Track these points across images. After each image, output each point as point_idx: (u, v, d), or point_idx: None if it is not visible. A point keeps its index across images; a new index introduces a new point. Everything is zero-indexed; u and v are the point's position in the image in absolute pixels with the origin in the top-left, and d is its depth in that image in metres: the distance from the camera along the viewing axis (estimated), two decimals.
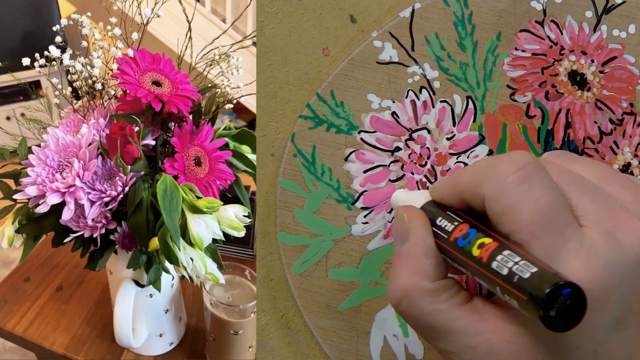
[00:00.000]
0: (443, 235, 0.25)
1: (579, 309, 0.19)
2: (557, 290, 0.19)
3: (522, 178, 0.22)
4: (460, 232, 0.24)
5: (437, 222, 0.26)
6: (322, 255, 0.34)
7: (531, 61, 0.33)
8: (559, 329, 0.19)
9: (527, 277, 0.20)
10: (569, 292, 0.19)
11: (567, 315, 0.19)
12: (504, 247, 0.22)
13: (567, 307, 0.19)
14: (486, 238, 0.23)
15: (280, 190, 0.34)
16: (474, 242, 0.23)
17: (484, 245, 0.23)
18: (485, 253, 0.22)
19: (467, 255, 0.23)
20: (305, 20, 0.34)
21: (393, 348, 0.34)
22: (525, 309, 0.20)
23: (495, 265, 0.21)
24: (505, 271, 0.21)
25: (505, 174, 0.23)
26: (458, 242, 0.24)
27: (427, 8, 0.33)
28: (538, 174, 0.23)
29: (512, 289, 0.20)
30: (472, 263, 0.23)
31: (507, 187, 0.23)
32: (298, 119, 0.34)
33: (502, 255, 0.21)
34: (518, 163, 0.23)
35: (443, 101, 0.34)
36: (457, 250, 0.24)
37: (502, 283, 0.21)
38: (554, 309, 0.19)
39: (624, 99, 0.33)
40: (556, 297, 0.19)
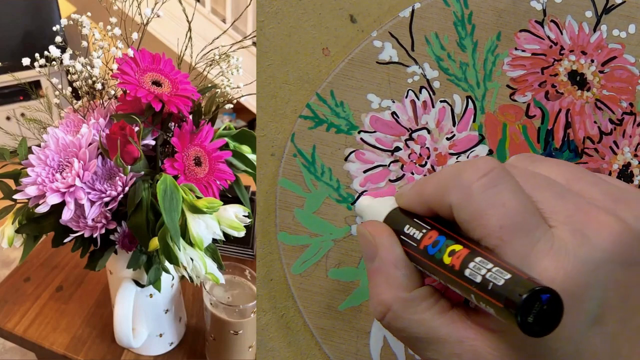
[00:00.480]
0: (412, 243, 0.25)
1: (555, 313, 0.19)
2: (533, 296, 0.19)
3: (487, 184, 0.23)
4: (430, 240, 0.24)
5: (405, 230, 0.25)
6: (322, 255, 0.34)
7: (531, 61, 0.33)
8: (537, 334, 0.19)
9: (502, 284, 0.20)
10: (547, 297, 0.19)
11: (544, 319, 0.19)
12: (476, 254, 0.22)
13: (543, 312, 0.19)
14: (456, 245, 0.23)
15: (280, 190, 0.34)
16: (444, 250, 0.23)
17: (454, 252, 0.22)
18: (456, 261, 0.22)
19: (439, 263, 0.23)
20: (305, 20, 0.34)
21: (393, 348, 0.34)
22: (502, 316, 0.20)
23: (468, 273, 0.21)
24: (479, 279, 0.21)
25: (470, 180, 0.23)
26: (428, 250, 0.24)
27: (427, 8, 0.33)
28: (503, 178, 0.23)
29: (487, 297, 0.20)
30: (444, 271, 0.23)
31: (473, 194, 0.23)
32: (298, 119, 0.34)
33: (474, 262, 0.21)
34: (483, 169, 0.23)
35: (443, 101, 0.34)
36: (428, 259, 0.24)
37: (477, 291, 0.21)
38: (531, 314, 0.19)
39: (623, 99, 0.33)
40: (532, 303, 0.19)
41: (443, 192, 0.24)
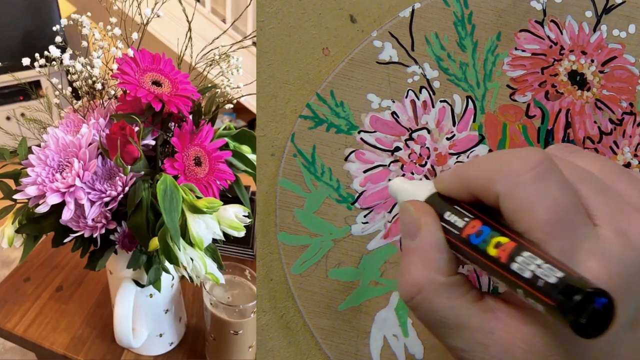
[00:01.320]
0: (453, 230, 0.25)
1: (606, 315, 0.19)
2: (588, 298, 0.19)
3: (537, 176, 0.22)
4: (473, 229, 0.24)
5: (446, 216, 0.25)
6: (322, 255, 0.34)
7: (531, 61, 0.33)
8: (588, 335, 0.19)
9: (554, 282, 0.20)
10: (601, 300, 0.19)
11: (595, 321, 0.19)
12: (523, 248, 0.21)
13: (595, 313, 0.19)
14: (502, 237, 0.22)
15: (280, 190, 0.34)
16: (489, 241, 0.23)
17: (500, 244, 0.22)
18: (503, 253, 0.22)
19: (483, 254, 0.23)
20: (305, 20, 0.34)
21: (393, 348, 0.34)
22: (553, 314, 0.20)
23: (516, 268, 0.21)
24: (528, 274, 0.21)
25: (520, 171, 0.23)
26: (471, 239, 0.23)
27: (427, 8, 0.33)
28: (553, 172, 0.22)
29: (538, 294, 0.20)
30: (489, 262, 0.22)
31: (522, 185, 0.22)
32: (298, 119, 0.34)
33: (521, 256, 0.21)
34: (532, 160, 0.23)
35: (443, 101, 0.34)
36: (471, 248, 0.23)
37: (525, 286, 0.21)
38: (583, 315, 0.19)
39: (623, 99, 0.33)
40: (586, 304, 0.19)
41: (490, 179, 0.24)
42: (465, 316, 0.24)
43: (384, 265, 0.34)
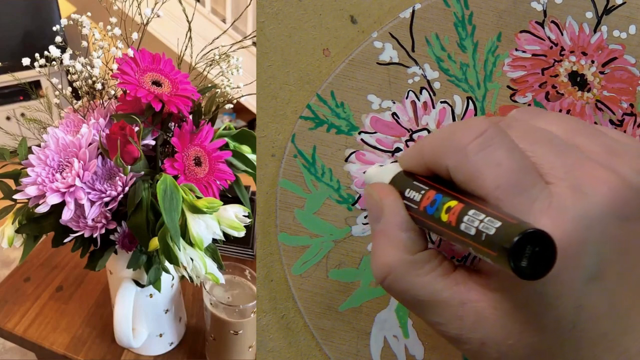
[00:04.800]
0: (413, 206, 0.25)
1: (549, 257, 0.19)
2: (523, 240, 0.19)
3: (481, 144, 0.22)
4: (428, 200, 0.24)
5: (406, 193, 0.26)
6: (322, 256, 0.34)
7: (531, 62, 0.33)
8: (529, 276, 0.19)
9: (493, 233, 0.20)
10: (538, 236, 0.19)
11: (538, 263, 0.19)
12: (469, 207, 0.22)
13: (537, 255, 0.19)
14: (452, 201, 0.23)
15: (281, 190, 0.34)
16: (441, 208, 0.23)
17: (450, 208, 0.22)
18: (452, 217, 0.22)
19: (438, 222, 0.23)
20: (306, 20, 0.34)
21: (393, 349, 0.34)
22: (499, 264, 0.20)
23: (463, 227, 0.21)
24: (473, 231, 0.21)
25: (465, 142, 0.23)
26: (427, 210, 0.24)
27: (427, 9, 0.33)
28: (497, 137, 0.23)
29: (483, 247, 0.21)
30: (444, 229, 0.23)
31: (468, 155, 0.23)
32: (298, 120, 0.34)
33: (467, 215, 0.21)
34: (476, 130, 0.23)
35: (443, 102, 0.34)
36: (428, 219, 0.24)
37: (473, 243, 0.21)
38: (524, 258, 0.19)
39: (624, 100, 0.33)
40: (524, 246, 0.19)
41: (439, 154, 0.24)
42: (437, 291, 0.24)
43: None
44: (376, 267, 0.25)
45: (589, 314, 0.21)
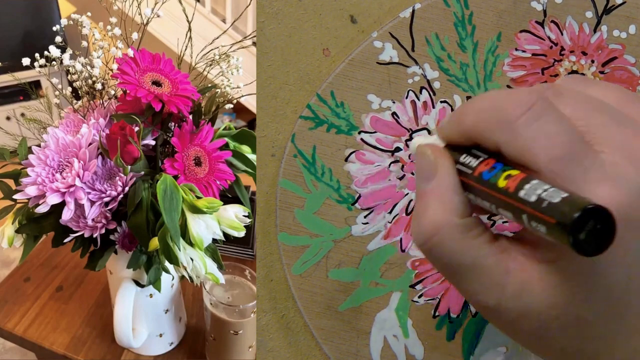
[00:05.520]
0: (467, 171, 0.24)
1: (608, 233, 0.19)
2: (586, 213, 0.19)
3: (531, 118, 0.22)
4: (487, 166, 0.23)
5: (461, 159, 0.25)
6: (322, 255, 0.34)
7: (531, 62, 0.33)
8: (588, 252, 0.19)
9: (557, 202, 0.20)
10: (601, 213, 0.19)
11: (596, 239, 0.19)
12: (532, 178, 0.21)
13: (596, 231, 0.19)
14: (513, 170, 0.22)
15: (281, 190, 0.34)
16: (500, 175, 0.22)
17: (511, 176, 0.22)
18: (512, 183, 0.22)
19: (493, 187, 0.23)
20: (306, 20, 0.34)
21: (393, 348, 0.34)
22: (553, 235, 0.20)
23: (522, 194, 0.21)
24: (534, 198, 0.20)
25: (513, 116, 0.22)
26: (484, 175, 0.23)
27: (427, 8, 0.33)
28: (547, 110, 0.22)
29: (541, 214, 0.20)
30: (498, 194, 0.22)
31: (518, 131, 0.22)
32: (298, 120, 0.34)
33: (530, 184, 0.21)
34: (525, 103, 0.23)
35: (443, 101, 0.34)
36: (482, 184, 0.23)
37: (530, 210, 0.20)
38: (583, 232, 0.19)
39: None
40: (585, 221, 0.19)
41: (486, 129, 0.23)
42: (481, 257, 0.23)
43: (384, 266, 0.34)
44: (421, 227, 0.24)
45: (637, 285, 0.21)
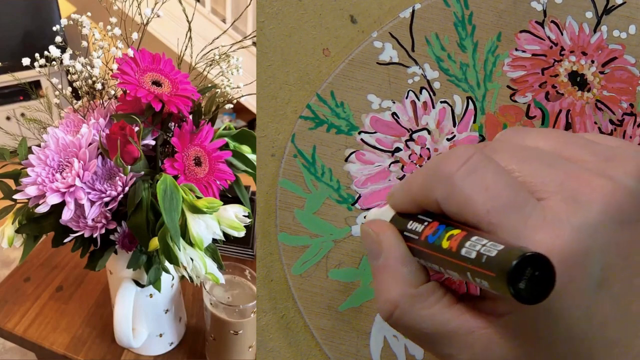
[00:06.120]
0: (414, 237, 0.25)
1: (548, 279, 0.19)
2: (522, 262, 0.19)
3: (468, 170, 0.22)
4: (431, 230, 0.24)
5: (408, 226, 0.26)
6: (322, 255, 0.34)
7: (531, 62, 0.33)
8: (530, 301, 0.19)
9: (494, 255, 0.20)
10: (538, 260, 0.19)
11: (538, 286, 0.19)
12: (472, 234, 0.22)
13: (536, 279, 0.19)
14: (455, 230, 0.23)
15: (281, 190, 0.34)
16: (443, 236, 0.23)
17: (453, 236, 0.22)
18: (454, 243, 0.22)
19: (437, 249, 0.23)
20: (306, 20, 0.34)
21: (393, 349, 0.34)
22: (496, 287, 0.20)
23: (464, 252, 0.21)
24: (474, 254, 0.21)
25: (451, 170, 0.23)
26: (429, 239, 0.24)
27: (427, 9, 0.33)
28: (483, 162, 0.23)
29: (481, 269, 0.20)
30: (443, 255, 0.23)
31: (455, 183, 0.23)
32: (298, 120, 0.34)
33: (470, 241, 0.21)
34: (461, 157, 0.23)
35: (443, 102, 0.34)
36: (428, 247, 0.24)
37: (471, 266, 0.21)
38: (522, 281, 0.19)
39: (624, 100, 0.33)
40: (523, 270, 0.19)
41: (427, 188, 0.24)
42: (444, 322, 0.24)
43: None
44: (381, 304, 0.25)
45: (599, 322, 0.21)
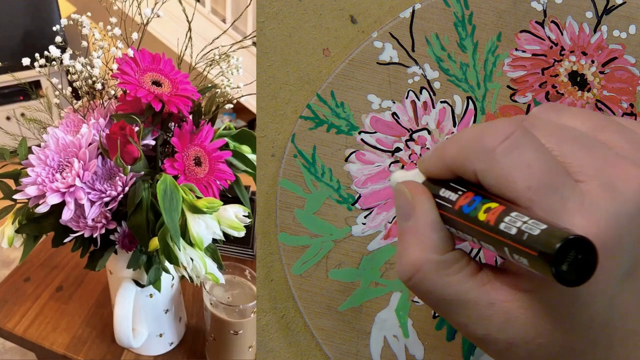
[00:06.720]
0: (447, 205, 0.25)
1: (589, 263, 0.19)
2: (567, 245, 0.19)
3: (510, 146, 0.22)
4: (466, 200, 0.24)
5: (441, 193, 0.25)
6: (322, 255, 0.34)
7: (531, 62, 0.33)
8: (571, 283, 0.19)
9: (537, 234, 0.20)
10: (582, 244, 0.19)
11: (578, 269, 0.19)
12: (511, 210, 0.21)
13: (578, 262, 0.19)
14: (492, 203, 0.22)
15: (281, 190, 0.34)
16: (479, 208, 0.23)
17: (490, 209, 0.22)
18: (492, 216, 0.22)
19: (473, 221, 0.23)
20: (306, 20, 0.34)
21: (393, 349, 0.34)
22: (536, 266, 0.20)
23: (503, 227, 0.21)
24: (514, 230, 0.21)
25: (492, 145, 0.23)
26: (463, 209, 0.23)
27: (427, 9, 0.33)
28: (525, 139, 0.22)
29: (522, 247, 0.20)
30: (479, 227, 0.22)
31: (497, 159, 0.22)
32: (298, 120, 0.34)
33: (509, 216, 0.21)
34: (504, 132, 0.23)
35: (443, 102, 0.34)
36: (463, 218, 0.23)
37: (511, 243, 0.21)
38: (565, 263, 0.19)
39: (624, 100, 0.33)
40: (567, 252, 0.19)
41: (465, 159, 0.24)
42: (464, 291, 0.23)
43: (384, 266, 0.34)
44: (402, 266, 0.25)
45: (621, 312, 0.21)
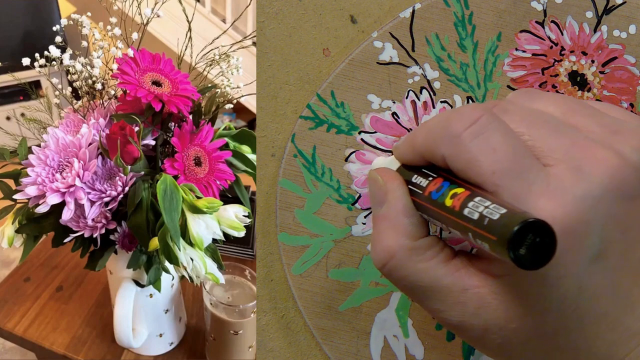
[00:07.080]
0: (418, 191, 0.25)
1: (549, 246, 0.19)
2: (525, 228, 0.19)
3: (476, 131, 0.22)
4: (435, 186, 0.24)
5: (413, 179, 0.26)
6: (322, 255, 0.34)
7: (531, 62, 0.33)
8: (530, 266, 0.19)
9: (497, 218, 0.20)
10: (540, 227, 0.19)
11: (537, 253, 0.19)
12: (475, 195, 0.22)
13: (537, 245, 0.19)
14: (459, 188, 0.23)
15: (281, 190, 0.34)
16: (447, 193, 0.23)
17: (456, 195, 0.23)
18: (457, 202, 0.22)
19: (441, 206, 0.23)
20: (306, 20, 0.34)
21: (393, 348, 0.34)
22: (496, 251, 0.20)
23: (467, 212, 0.21)
24: (476, 216, 0.21)
25: (459, 130, 0.23)
26: (432, 195, 0.24)
27: (427, 8, 0.33)
28: (492, 124, 0.23)
29: (483, 232, 0.20)
30: (446, 213, 0.23)
31: (463, 143, 0.23)
32: (298, 120, 0.34)
33: (473, 201, 0.21)
34: (470, 117, 0.23)
35: (443, 102, 0.34)
36: (432, 204, 0.24)
37: (474, 228, 0.21)
38: (523, 247, 0.19)
39: (624, 100, 0.33)
40: (525, 236, 0.19)
41: (433, 144, 0.24)
42: (438, 277, 0.24)
43: None
44: (377, 253, 0.25)
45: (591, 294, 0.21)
